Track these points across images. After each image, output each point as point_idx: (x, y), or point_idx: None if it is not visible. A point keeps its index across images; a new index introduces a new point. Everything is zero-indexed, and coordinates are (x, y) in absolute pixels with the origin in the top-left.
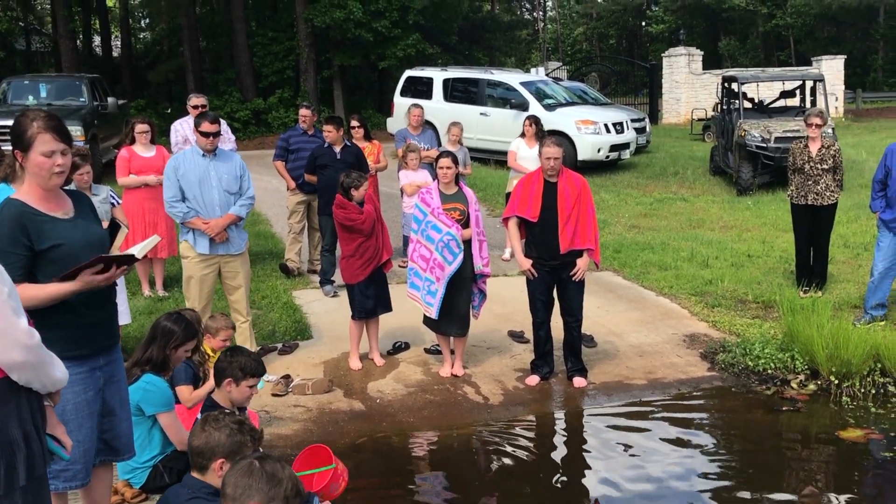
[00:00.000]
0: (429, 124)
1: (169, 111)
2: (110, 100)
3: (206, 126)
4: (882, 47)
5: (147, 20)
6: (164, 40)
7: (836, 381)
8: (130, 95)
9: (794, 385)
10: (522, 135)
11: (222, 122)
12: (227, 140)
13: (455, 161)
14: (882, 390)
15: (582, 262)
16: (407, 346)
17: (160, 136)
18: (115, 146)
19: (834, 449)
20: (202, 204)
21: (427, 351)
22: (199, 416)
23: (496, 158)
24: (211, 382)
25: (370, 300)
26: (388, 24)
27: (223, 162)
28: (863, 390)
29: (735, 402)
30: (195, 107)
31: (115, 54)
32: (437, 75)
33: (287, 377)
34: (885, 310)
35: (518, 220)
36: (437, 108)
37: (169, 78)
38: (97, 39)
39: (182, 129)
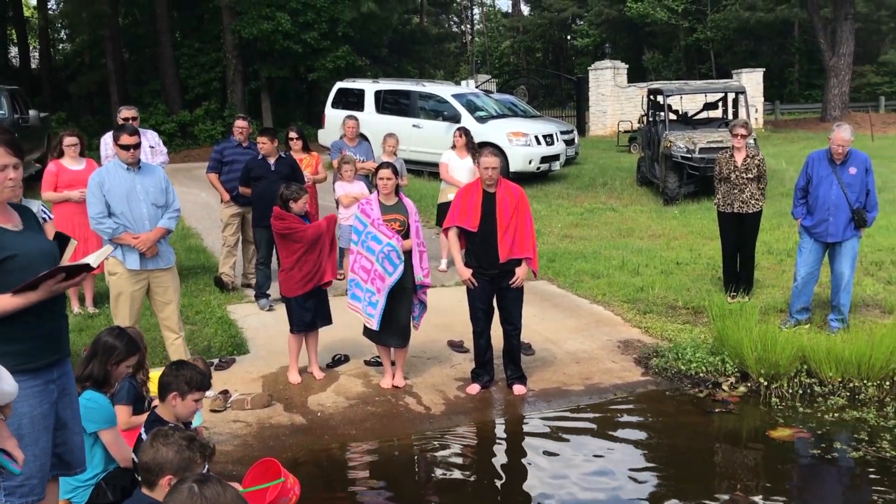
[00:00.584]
0: (361, 136)
1: (91, 124)
2: (32, 112)
3: (126, 139)
4: (797, 61)
5: (67, 31)
6: (86, 52)
7: (766, 383)
8: (51, 108)
9: (726, 387)
10: (453, 146)
11: (155, 134)
12: (160, 153)
13: (395, 172)
14: (808, 390)
15: (521, 271)
16: (347, 359)
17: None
18: (37, 160)
19: (765, 448)
20: (131, 219)
21: (367, 363)
22: (142, 430)
23: (429, 170)
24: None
25: (309, 313)
26: (318, 36)
27: (148, 175)
28: (790, 391)
29: (669, 405)
30: (125, 119)
31: (33, 66)
32: (369, 87)
33: (225, 393)
34: (809, 313)
35: (458, 230)
36: (369, 120)
37: (91, 90)
38: (14, 51)
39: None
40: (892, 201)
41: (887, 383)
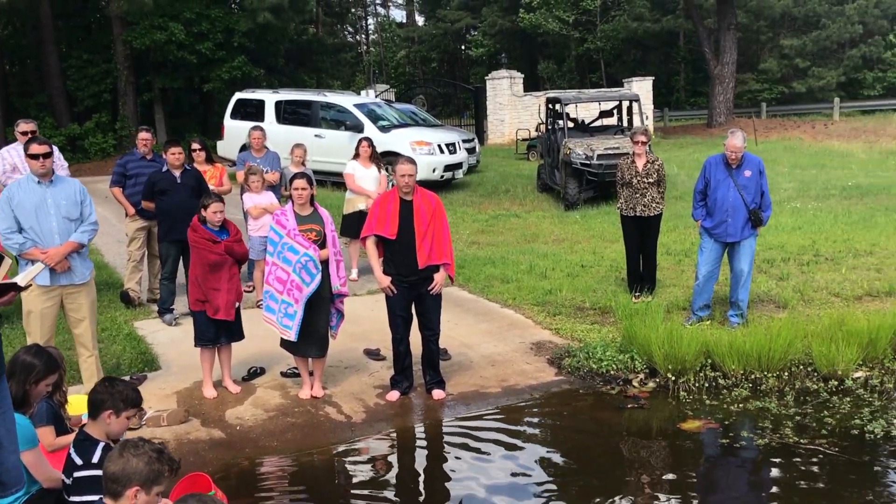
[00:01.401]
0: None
1: None
2: None
3: (35, 148)
4: (683, 69)
5: None
6: None
7: (673, 378)
8: None
9: (636, 384)
10: (355, 156)
11: (54, 148)
12: (60, 167)
13: (310, 182)
14: (714, 383)
15: (439, 277)
16: (262, 371)
17: None
18: None
19: (676, 440)
20: (39, 233)
21: (284, 374)
22: (72, 451)
23: (333, 180)
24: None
25: (212, 327)
26: (212, 47)
27: (61, 188)
28: (697, 384)
29: (583, 402)
30: (24, 133)
31: None
32: (269, 98)
33: (140, 410)
34: (710, 310)
35: (376, 238)
36: (270, 131)
37: None
38: None
39: (10, 156)
40: (778, 202)
41: (786, 374)
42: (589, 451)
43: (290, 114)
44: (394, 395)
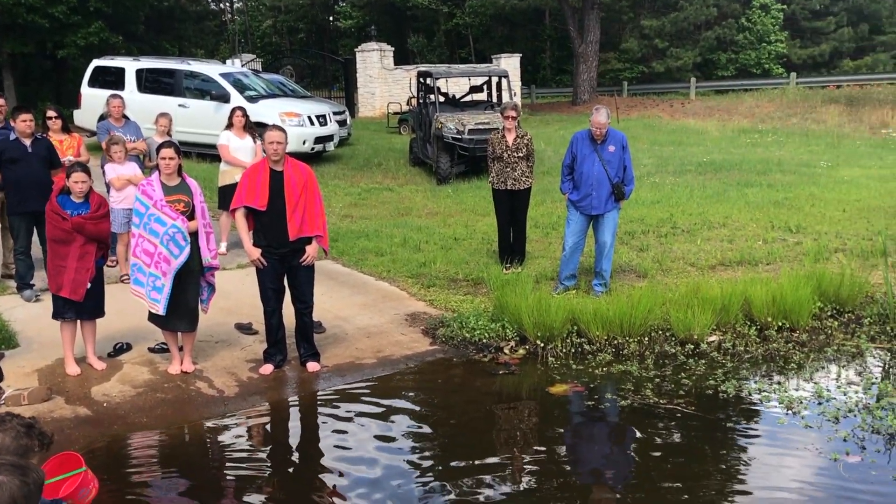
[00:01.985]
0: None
1: None
2: None
3: None
4: (549, 47)
5: None
6: None
7: (542, 344)
8: None
9: (507, 351)
10: (228, 126)
11: None
12: None
13: (177, 151)
14: (579, 349)
15: (311, 249)
16: (129, 347)
17: None
18: None
19: (545, 403)
20: None
21: (152, 350)
22: None
23: (198, 151)
24: None
25: (71, 305)
26: (67, 10)
27: None
28: (564, 350)
29: (458, 370)
30: None
31: None
32: (130, 65)
33: None
34: (576, 280)
35: (246, 210)
36: (131, 100)
37: None
38: None
39: None
40: (639, 177)
41: (646, 339)
42: (463, 416)
43: (152, 83)
44: (267, 369)
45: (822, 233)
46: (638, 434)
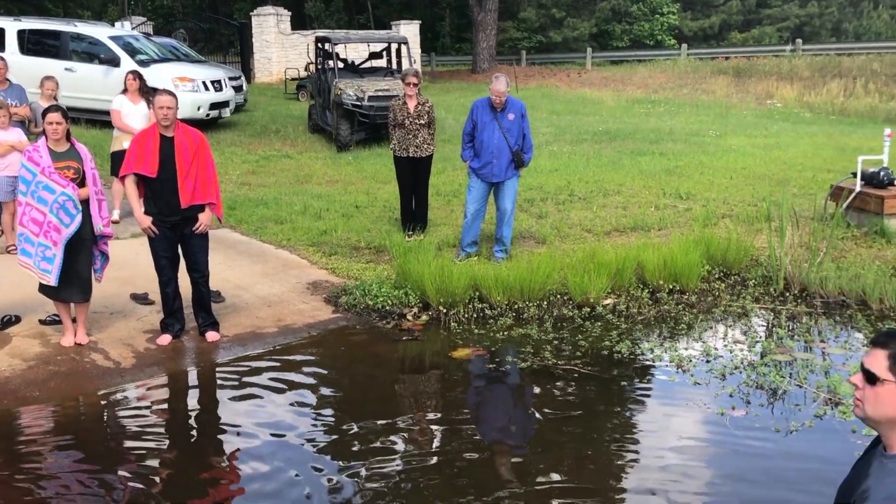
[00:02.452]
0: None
1: None
2: None
3: None
4: (448, 15)
5: None
6: None
7: (445, 310)
8: None
9: (410, 317)
10: (124, 91)
11: None
12: None
13: (65, 115)
14: (481, 314)
15: (204, 217)
16: (18, 320)
17: None
18: None
19: (448, 367)
20: None
21: (43, 322)
22: None
23: (87, 117)
24: None
25: None
26: None
27: None
28: (466, 315)
29: (360, 337)
30: None
31: None
32: (10, 26)
33: None
34: (477, 247)
35: (135, 177)
36: (13, 63)
37: None
38: None
39: None
40: (537, 146)
41: (545, 303)
42: (367, 382)
43: (36, 44)
44: (165, 339)
45: (710, 199)
46: (538, 394)
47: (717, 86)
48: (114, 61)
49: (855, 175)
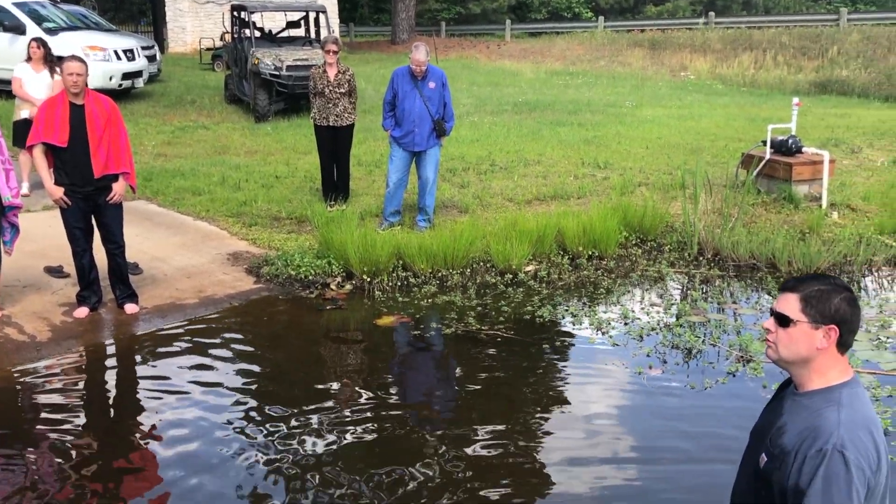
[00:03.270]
0: None
1: None
2: None
3: None
4: None
5: None
6: None
7: (368, 279)
8: None
9: (334, 287)
10: (28, 59)
11: None
12: None
13: None
14: (405, 282)
15: (118, 186)
16: None
17: None
18: None
19: (373, 335)
20: None
21: None
22: None
23: None
24: None
25: None
26: None
27: None
28: (390, 284)
29: (284, 307)
30: None
31: None
32: None
33: None
34: (400, 216)
35: (44, 147)
36: None
37: None
38: None
39: None
40: (458, 117)
41: (468, 270)
42: (291, 351)
43: None
44: (82, 312)
45: (627, 168)
46: (462, 360)
47: (633, 58)
48: (19, 28)
49: (765, 143)
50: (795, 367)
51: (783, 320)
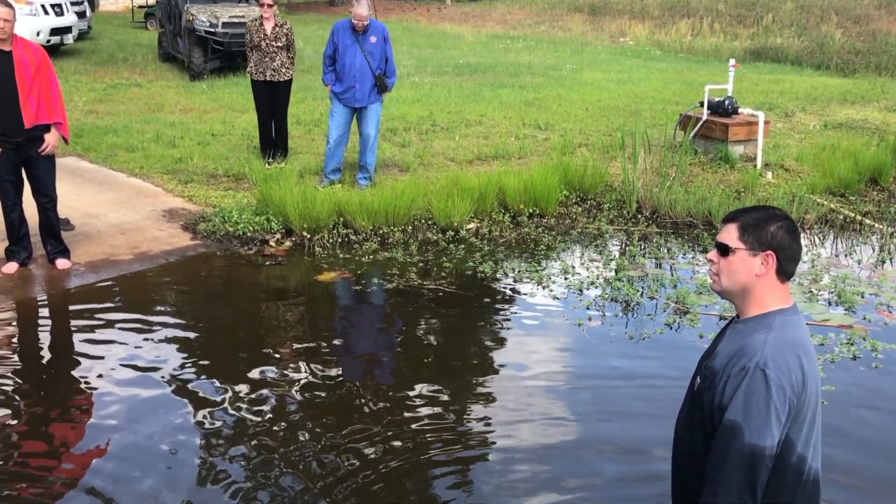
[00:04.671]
0: None
1: None
2: None
3: None
4: None
5: None
6: None
7: (309, 236)
8: None
9: (273, 244)
10: None
11: None
12: None
13: None
14: (346, 239)
15: (51, 137)
16: None
17: None
18: None
19: (314, 290)
20: None
21: None
22: None
23: None
24: None
25: None
26: None
27: None
28: (331, 241)
29: (222, 263)
30: None
31: None
32: None
33: None
34: (340, 174)
35: None
36: None
37: None
38: None
39: None
40: (399, 77)
41: (410, 227)
42: (228, 306)
43: None
44: (11, 267)
45: (567, 129)
46: (403, 314)
47: (574, 23)
48: None
49: (702, 104)
50: (737, 298)
51: (723, 249)
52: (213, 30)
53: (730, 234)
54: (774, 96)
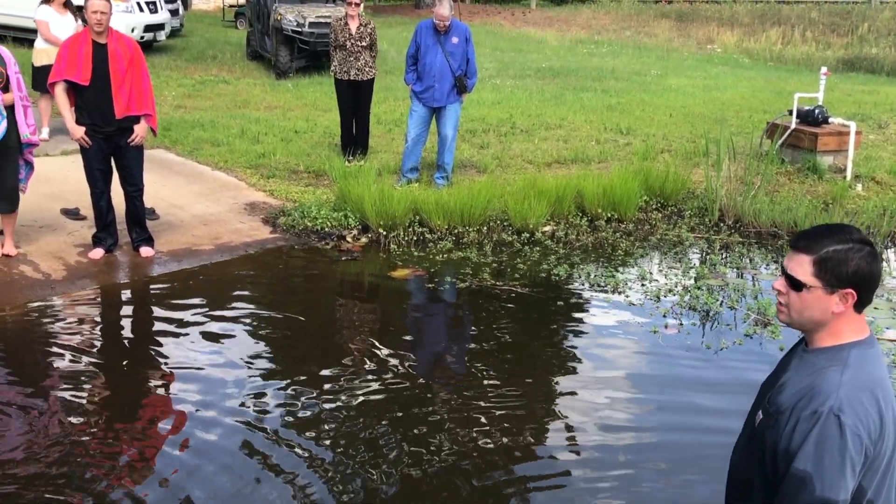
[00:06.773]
0: None
1: None
2: None
3: None
4: None
5: None
6: None
7: (385, 233)
8: None
9: (350, 239)
10: (47, 1)
11: None
12: None
13: None
14: (421, 237)
15: (140, 128)
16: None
17: None
18: None
19: (388, 285)
20: None
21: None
22: None
23: (14, 35)
24: None
25: None
26: None
27: None
28: (406, 238)
29: (299, 256)
30: None
31: None
32: None
33: None
34: (418, 173)
35: (66, 84)
36: None
37: None
38: None
39: None
40: (481, 79)
41: (484, 228)
42: (305, 298)
43: None
44: (97, 253)
45: (650, 135)
46: (476, 313)
47: (660, 29)
48: None
49: (791, 112)
50: (807, 329)
51: (796, 284)
52: (299, 29)
53: (802, 269)
54: (868, 107)
